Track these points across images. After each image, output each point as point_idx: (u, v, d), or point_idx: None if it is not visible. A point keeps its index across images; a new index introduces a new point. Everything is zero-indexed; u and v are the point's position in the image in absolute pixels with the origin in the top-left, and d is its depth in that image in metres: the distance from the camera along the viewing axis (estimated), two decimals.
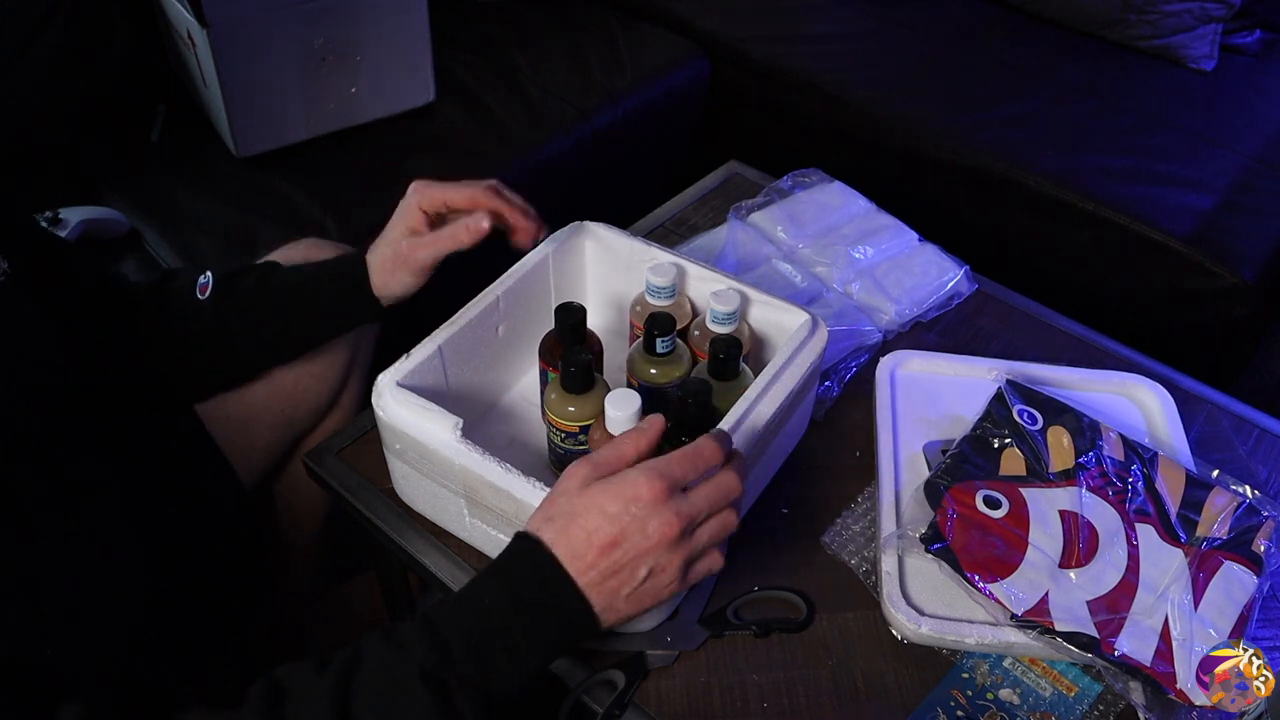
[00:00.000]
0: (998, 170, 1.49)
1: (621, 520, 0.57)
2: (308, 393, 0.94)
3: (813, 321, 0.80)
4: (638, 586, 0.58)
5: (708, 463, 0.60)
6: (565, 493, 0.60)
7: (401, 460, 0.76)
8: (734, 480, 0.61)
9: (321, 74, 1.40)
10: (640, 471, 0.58)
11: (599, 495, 0.58)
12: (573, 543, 0.58)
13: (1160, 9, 1.69)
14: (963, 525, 0.75)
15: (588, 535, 0.57)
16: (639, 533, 0.57)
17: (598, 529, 0.57)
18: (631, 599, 0.59)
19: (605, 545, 0.57)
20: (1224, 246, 1.37)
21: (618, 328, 0.94)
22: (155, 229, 1.32)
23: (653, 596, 0.60)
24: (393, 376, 0.74)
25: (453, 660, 0.55)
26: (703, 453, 0.60)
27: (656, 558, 0.58)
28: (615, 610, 0.59)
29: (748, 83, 1.75)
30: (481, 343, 0.83)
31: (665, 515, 0.57)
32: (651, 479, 0.58)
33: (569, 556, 0.58)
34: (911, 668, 0.73)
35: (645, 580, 0.58)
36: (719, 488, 0.60)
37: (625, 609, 0.59)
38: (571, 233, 0.89)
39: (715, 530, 0.61)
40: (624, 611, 0.59)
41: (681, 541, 0.59)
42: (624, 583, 0.58)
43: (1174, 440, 0.87)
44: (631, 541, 0.57)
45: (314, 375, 0.93)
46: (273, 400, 0.92)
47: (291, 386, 0.92)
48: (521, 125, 1.54)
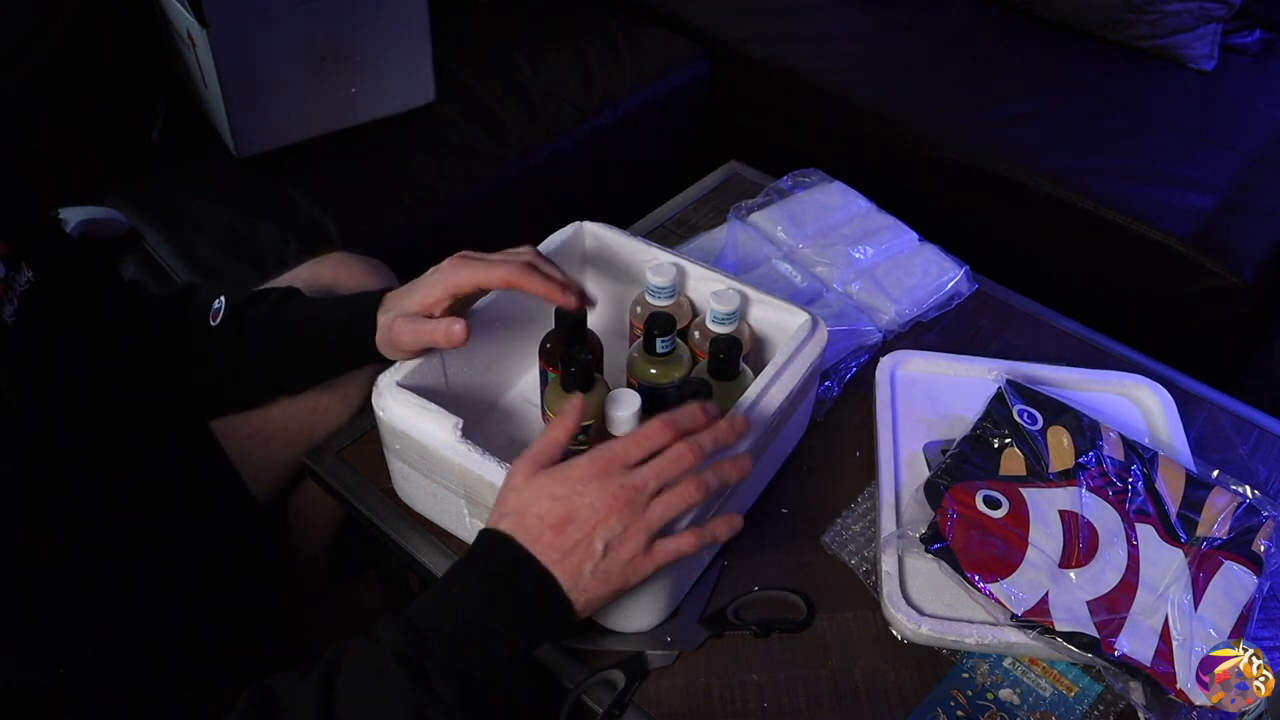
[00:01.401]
0: (998, 170, 1.49)
1: (570, 499, 0.60)
2: (328, 411, 0.92)
3: (813, 321, 0.80)
4: (599, 561, 0.59)
5: (653, 441, 0.62)
6: (514, 488, 0.62)
7: (401, 460, 0.77)
8: (683, 450, 0.61)
9: (321, 74, 1.40)
10: (585, 455, 0.61)
11: (546, 482, 0.61)
12: (528, 529, 0.60)
13: (1160, 9, 1.69)
14: (963, 525, 0.75)
15: (539, 518, 0.60)
16: (587, 508, 0.59)
17: (548, 511, 0.60)
18: (598, 576, 0.60)
19: (557, 524, 0.59)
20: (1224, 246, 1.37)
21: (618, 328, 0.94)
22: (155, 229, 1.32)
23: (620, 574, 0.61)
24: (393, 376, 0.75)
25: (429, 646, 0.56)
26: (647, 432, 0.62)
27: (610, 529, 0.59)
28: (584, 590, 0.60)
29: (748, 83, 1.75)
30: (481, 343, 0.82)
31: (610, 487, 0.60)
32: (593, 459, 0.61)
33: (527, 541, 0.59)
34: (911, 668, 0.73)
35: (605, 554, 0.60)
36: (667, 458, 0.61)
37: (595, 588, 0.60)
38: (572, 233, 0.89)
39: (671, 500, 0.61)
40: (594, 591, 0.60)
41: (633, 511, 0.60)
42: (584, 559, 0.59)
43: (1174, 440, 0.87)
44: (582, 516, 0.59)
45: (335, 394, 0.92)
46: (291, 417, 0.91)
47: (312, 404, 0.91)
48: (521, 125, 1.54)
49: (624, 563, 0.60)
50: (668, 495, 0.61)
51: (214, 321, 0.82)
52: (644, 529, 0.60)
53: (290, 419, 0.91)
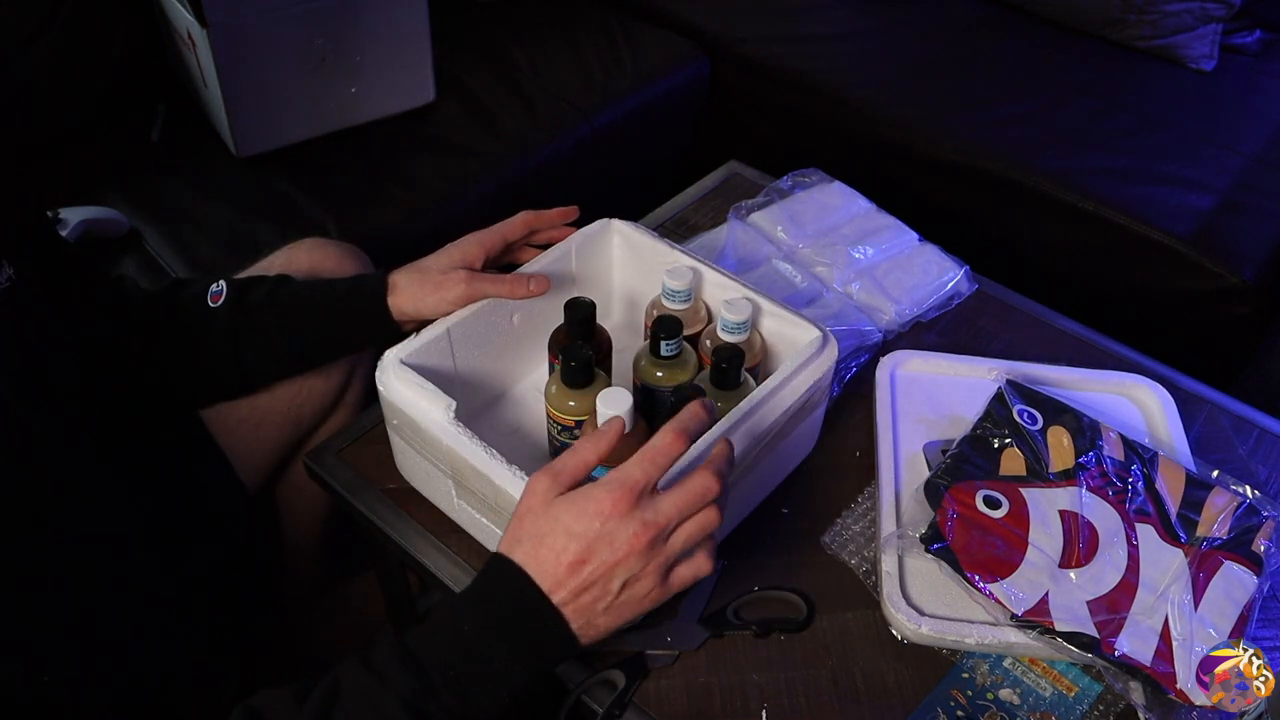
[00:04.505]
0: (998, 170, 1.49)
1: (587, 537, 0.56)
2: (313, 391, 0.94)
3: (823, 338, 0.78)
4: (614, 600, 0.58)
5: (668, 456, 0.59)
6: (531, 510, 0.59)
7: (399, 436, 0.78)
8: (707, 480, 0.59)
9: (321, 74, 1.40)
10: (601, 486, 0.57)
11: (564, 514, 0.58)
12: (542, 563, 0.57)
13: (1160, 9, 1.69)
14: (963, 525, 0.75)
15: (556, 555, 0.57)
16: (607, 547, 0.56)
17: (565, 548, 0.57)
18: (609, 612, 0.58)
19: (574, 563, 0.57)
20: (1224, 246, 1.37)
21: (640, 326, 0.94)
22: (155, 229, 1.32)
23: (631, 607, 0.59)
24: (398, 354, 0.76)
25: (434, 690, 0.55)
26: (660, 448, 0.59)
27: (629, 569, 0.57)
28: (594, 626, 0.58)
29: (748, 83, 1.75)
30: (494, 330, 0.83)
31: (632, 526, 0.57)
32: (613, 490, 0.57)
33: (540, 575, 0.57)
34: (911, 668, 0.72)
35: (621, 592, 0.58)
36: (691, 491, 0.58)
37: (606, 623, 0.59)
38: (599, 229, 0.90)
39: (692, 532, 0.59)
40: (603, 626, 0.59)
41: (654, 549, 0.58)
42: (598, 598, 0.57)
43: (1174, 440, 0.87)
44: (600, 557, 0.57)
45: (319, 374, 0.93)
46: (278, 400, 0.92)
47: (297, 386, 0.92)
48: (521, 125, 1.54)
49: (639, 599, 0.59)
50: (689, 525, 0.59)
51: (214, 304, 0.82)
52: (663, 564, 0.58)
53: (277, 402, 0.92)
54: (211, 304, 0.82)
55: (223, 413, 0.90)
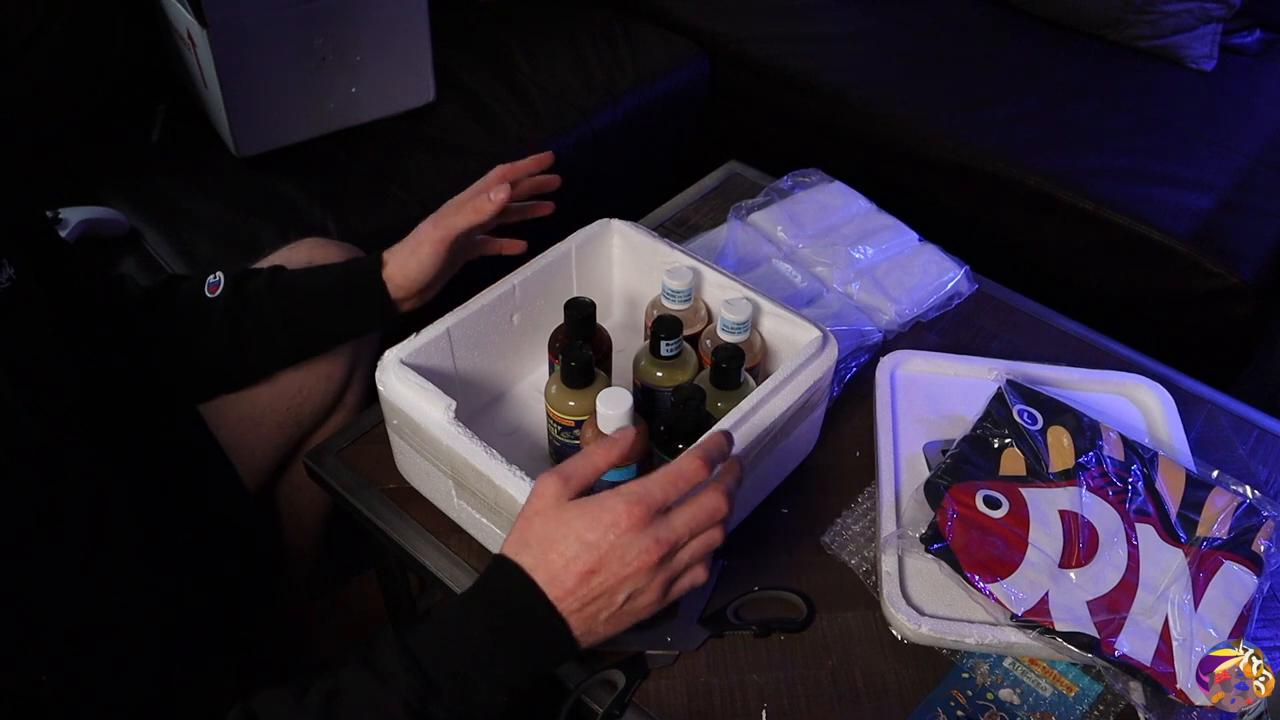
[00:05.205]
0: (998, 170, 1.49)
1: (600, 548, 0.56)
2: (313, 391, 0.94)
3: (823, 339, 0.78)
4: (617, 610, 0.58)
5: (690, 482, 0.59)
6: (540, 513, 0.59)
7: (399, 436, 0.78)
8: (718, 501, 0.59)
9: (321, 74, 1.40)
10: (619, 496, 0.57)
11: (576, 521, 0.57)
12: (551, 569, 0.57)
13: (1160, 9, 1.69)
14: (963, 525, 0.75)
15: (566, 562, 0.57)
16: (618, 560, 0.57)
17: (576, 556, 0.57)
18: (611, 621, 0.59)
19: (584, 573, 0.57)
20: (1224, 246, 1.37)
21: (640, 326, 0.94)
22: (155, 229, 1.32)
23: (632, 617, 0.60)
24: (398, 353, 0.76)
25: (438, 693, 0.55)
26: (684, 473, 0.59)
27: (635, 583, 0.58)
28: (594, 633, 0.59)
29: (748, 83, 1.75)
30: (494, 330, 0.83)
31: (644, 542, 0.57)
32: (630, 505, 0.57)
33: (547, 582, 0.57)
34: (911, 668, 0.73)
35: (625, 603, 0.58)
36: (702, 509, 0.59)
37: (604, 630, 0.59)
38: (599, 229, 0.90)
39: (697, 549, 0.60)
40: (602, 633, 0.60)
41: (662, 566, 0.58)
42: (603, 608, 0.58)
43: (1174, 440, 0.87)
44: (610, 569, 0.57)
45: (318, 374, 0.94)
46: (278, 399, 0.92)
47: (297, 385, 0.93)
48: (521, 125, 1.54)
49: (640, 609, 0.59)
50: (695, 544, 0.59)
51: (212, 294, 0.83)
52: (667, 579, 0.59)
53: (277, 400, 0.92)
54: (209, 294, 0.83)
55: (223, 412, 0.90)
